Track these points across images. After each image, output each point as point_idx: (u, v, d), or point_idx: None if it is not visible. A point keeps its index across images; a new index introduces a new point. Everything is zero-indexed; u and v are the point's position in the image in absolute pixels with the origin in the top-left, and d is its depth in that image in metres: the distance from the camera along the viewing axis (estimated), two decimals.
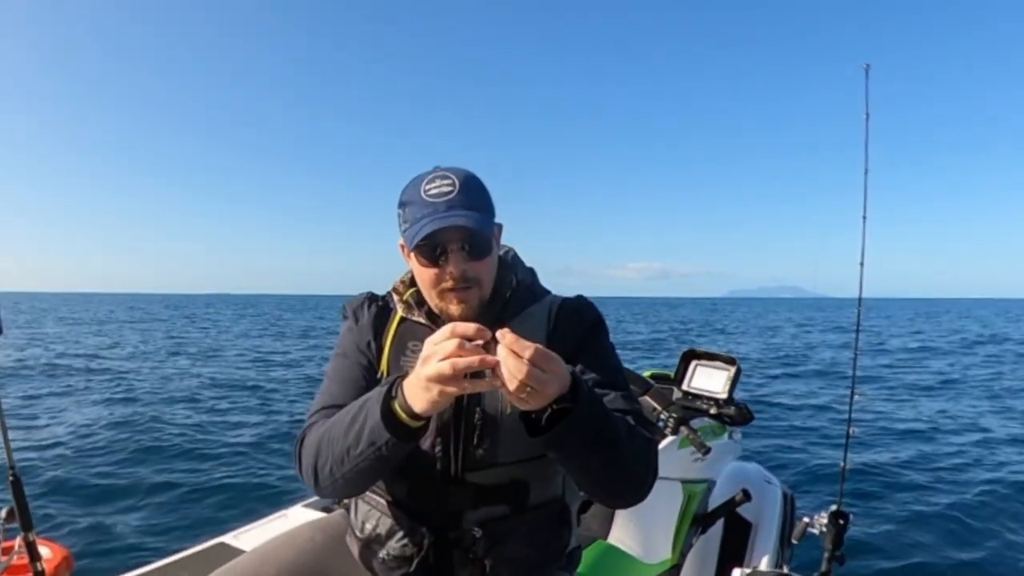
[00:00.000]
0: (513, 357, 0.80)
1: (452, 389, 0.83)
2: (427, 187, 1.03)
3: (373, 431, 0.91)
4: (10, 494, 1.43)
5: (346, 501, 1.24)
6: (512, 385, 0.80)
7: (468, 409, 1.07)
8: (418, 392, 0.86)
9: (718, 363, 2.30)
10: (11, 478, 1.36)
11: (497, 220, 1.11)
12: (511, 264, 1.20)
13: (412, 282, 1.16)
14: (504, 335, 0.82)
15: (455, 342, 0.81)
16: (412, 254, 1.06)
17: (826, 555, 2.07)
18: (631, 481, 1.01)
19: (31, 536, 1.43)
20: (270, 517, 1.94)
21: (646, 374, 2.47)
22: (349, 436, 0.94)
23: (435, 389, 0.83)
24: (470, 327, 0.83)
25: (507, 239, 1.19)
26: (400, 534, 1.09)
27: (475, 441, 1.06)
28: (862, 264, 2.19)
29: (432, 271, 1.05)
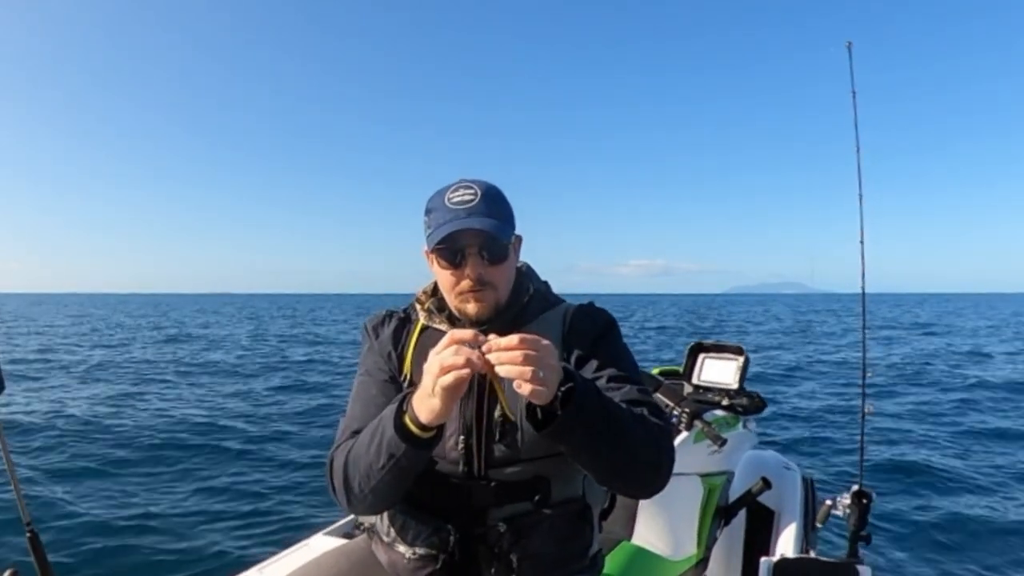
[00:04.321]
0: (507, 352, 0.85)
1: (457, 394, 0.89)
2: (451, 195, 1.10)
3: (390, 444, 0.97)
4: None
5: (371, 518, 1.25)
6: (526, 374, 0.83)
7: (489, 407, 1.11)
8: (424, 402, 0.92)
9: (726, 354, 2.30)
10: (28, 534, 1.33)
11: (517, 232, 1.17)
12: (527, 275, 1.26)
13: (433, 291, 1.23)
14: (488, 344, 0.87)
15: (453, 349, 0.87)
16: (433, 257, 1.13)
17: (852, 536, 2.07)
18: (643, 468, 1.03)
19: None
20: (293, 548, 1.93)
21: (655, 371, 2.47)
22: (371, 452, 1.00)
23: (439, 395, 0.89)
24: (467, 333, 0.89)
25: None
26: (426, 533, 1.12)
27: (497, 438, 1.10)
28: (862, 242, 2.19)
29: (451, 273, 1.11)
